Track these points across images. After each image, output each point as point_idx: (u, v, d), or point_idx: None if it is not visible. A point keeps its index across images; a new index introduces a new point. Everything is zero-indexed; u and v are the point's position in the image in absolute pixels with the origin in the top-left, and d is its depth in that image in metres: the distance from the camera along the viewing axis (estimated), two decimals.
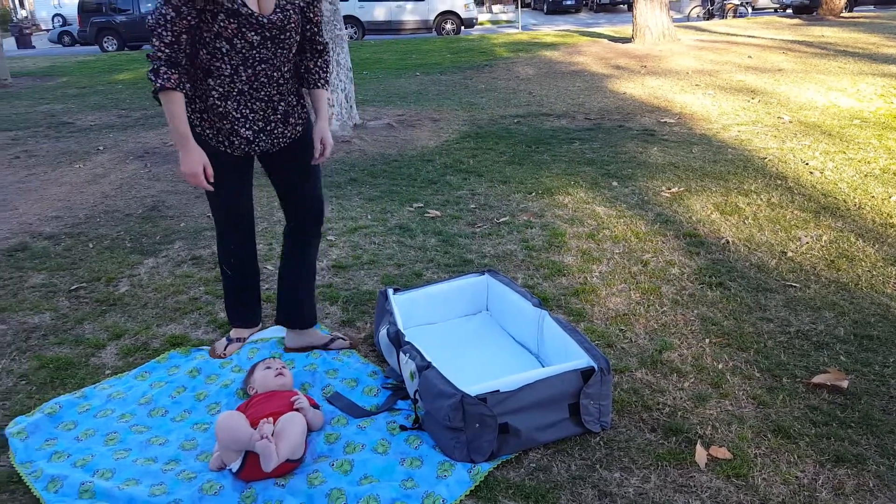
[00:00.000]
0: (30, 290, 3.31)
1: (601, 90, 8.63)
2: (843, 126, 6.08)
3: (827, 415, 2.14)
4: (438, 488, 1.87)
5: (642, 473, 1.93)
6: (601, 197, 4.40)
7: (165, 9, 2.07)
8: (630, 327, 2.74)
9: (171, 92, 2.12)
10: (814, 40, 12.31)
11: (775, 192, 4.35)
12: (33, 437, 2.17)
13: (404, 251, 3.60)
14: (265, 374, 2.28)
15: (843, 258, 3.32)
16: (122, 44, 19.59)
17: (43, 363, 2.63)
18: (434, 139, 6.29)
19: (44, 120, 8.25)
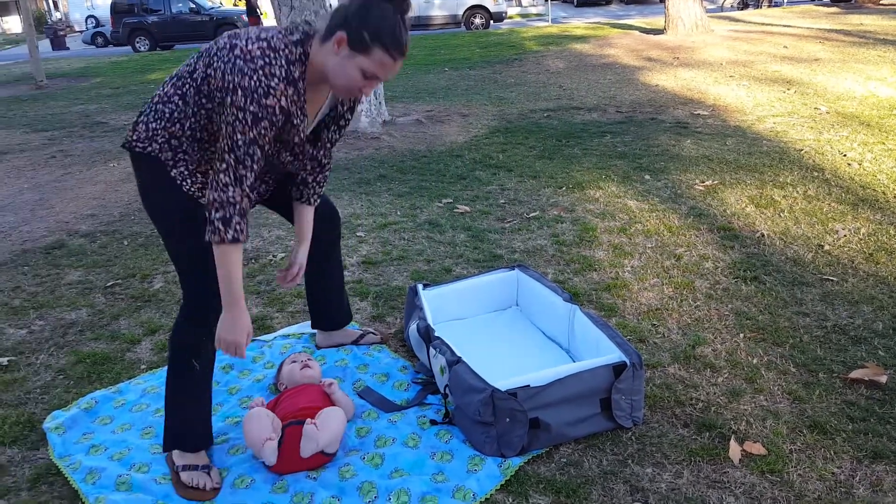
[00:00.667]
0: (67, 286, 3.40)
1: (633, 83, 8.54)
2: (883, 116, 5.92)
3: (864, 410, 2.10)
4: (469, 482, 1.89)
5: (675, 469, 1.91)
6: (633, 191, 4.36)
7: (252, 148, 1.68)
8: (662, 322, 2.72)
9: (237, 245, 1.73)
10: (852, 29, 12.00)
11: (812, 184, 4.27)
12: (71, 431, 2.22)
13: (434, 247, 3.62)
14: (292, 369, 2.31)
15: (881, 251, 3.24)
16: (154, 44, 19.96)
17: (80, 358, 2.69)
18: (463, 134, 6.29)
19: (78, 120, 8.45)
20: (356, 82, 1.72)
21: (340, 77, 1.73)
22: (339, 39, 1.69)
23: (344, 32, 1.69)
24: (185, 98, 1.77)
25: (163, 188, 1.83)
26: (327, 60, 1.72)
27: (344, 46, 1.69)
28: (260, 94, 1.64)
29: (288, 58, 1.70)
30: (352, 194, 4.61)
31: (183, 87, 1.77)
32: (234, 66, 1.66)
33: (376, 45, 1.68)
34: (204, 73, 1.73)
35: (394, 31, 1.70)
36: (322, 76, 1.77)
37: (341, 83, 1.74)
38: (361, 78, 1.72)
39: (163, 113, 1.79)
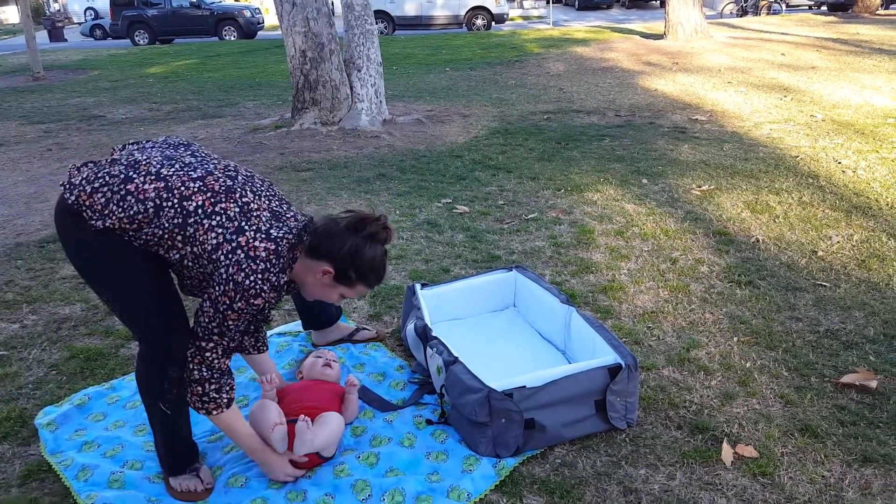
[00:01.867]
0: (61, 281, 3.39)
1: (632, 87, 8.57)
2: (877, 125, 5.97)
3: (855, 414, 2.13)
4: (463, 482, 1.90)
5: (668, 470, 1.94)
6: (631, 194, 4.39)
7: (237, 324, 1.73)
8: (658, 325, 2.75)
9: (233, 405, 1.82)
10: (848, 38, 12.07)
11: (807, 190, 4.30)
12: (63, 427, 2.20)
13: (432, 246, 3.63)
14: (314, 363, 2.32)
15: (874, 258, 3.27)
16: (154, 37, 19.91)
17: (73, 354, 2.68)
18: (463, 135, 6.31)
19: (75, 113, 8.43)
20: (331, 300, 1.87)
21: (317, 294, 1.86)
22: (324, 270, 1.77)
23: (331, 267, 1.77)
24: (161, 216, 1.67)
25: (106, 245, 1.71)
26: (307, 277, 1.81)
27: (328, 277, 1.79)
28: (251, 295, 1.67)
29: (282, 267, 1.72)
30: (350, 192, 4.62)
31: (166, 206, 1.67)
32: (234, 254, 1.67)
33: (359, 283, 1.82)
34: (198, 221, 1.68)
35: (378, 271, 1.83)
36: (297, 279, 1.84)
37: (314, 293, 1.87)
38: (338, 298, 1.87)
39: (130, 207, 1.66)
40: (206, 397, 1.76)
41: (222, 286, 1.66)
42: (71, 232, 1.74)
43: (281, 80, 10.59)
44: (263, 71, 11.87)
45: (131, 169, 1.71)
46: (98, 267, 1.76)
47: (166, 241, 1.70)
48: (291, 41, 6.45)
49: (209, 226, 1.68)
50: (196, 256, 1.70)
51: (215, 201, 1.70)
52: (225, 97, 9.27)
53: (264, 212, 1.75)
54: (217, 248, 1.67)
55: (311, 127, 6.60)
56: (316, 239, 1.76)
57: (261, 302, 1.69)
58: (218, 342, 1.73)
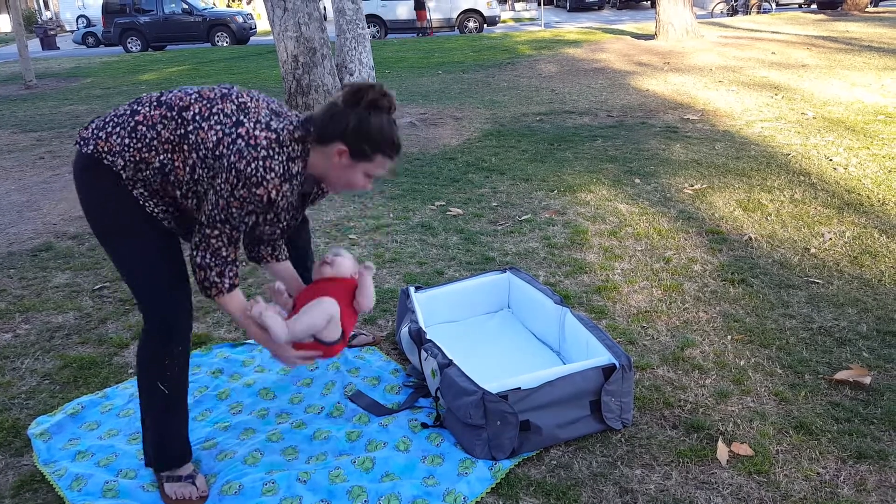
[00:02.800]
0: (54, 289, 3.38)
1: (624, 87, 8.59)
2: (868, 122, 5.99)
3: (849, 411, 2.14)
4: (459, 485, 1.90)
5: (663, 470, 1.94)
6: (623, 194, 4.40)
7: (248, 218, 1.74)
8: (652, 324, 2.75)
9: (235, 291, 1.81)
10: (838, 36, 12.13)
11: (798, 188, 4.32)
12: (56, 437, 2.19)
13: (426, 249, 3.63)
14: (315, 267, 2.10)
15: (866, 254, 3.29)
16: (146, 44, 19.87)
17: (66, 362, 2.67)
18: (456, 137, 6.32)
19: (68, 121, 8.41)
20: (359, 184, 1.82)
21: (342, 181, 1.81)
22: (339, 151, 1.74)
23: (343, 145, 1.74)
24: (167, 130, 1.73)
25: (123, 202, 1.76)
26: (326, 165, 1.78)
27: (345, 157, 1.75)
28: (252, 182, 1.66)
29: (290, 154, 1.72)
30: (344, 196, 4.62)
31: (169, 121, 1.74)
32: (234, 144, 1.68)
33: (377, 155, 1.78)
34: (198, 125, 1.72)
35: (391, 139, 1.80)
36: (319, 174, 1.82)
37: (343, 186, 1.83)
38: (364, 179, 1.82)
39: (143, 136, 1.73)
40: (206, 281, 1.76)
41: (225, 174, 1.67)
42: (90, 187, 1.78)
43: (273, 85, 10.58)
44: (256, 76, 11.86)
45: (135, 104, 1.79)
46: (114, 228, 1.79)
47: (181, 157, 1.73)
48: (283, 46, 6.45)
49: (208, 126, 1.71)
50: (202, 161, 1.71)
51: (211, 105, 1.74)
52: None
53: (262, 109, 1.77)
54: (218, 144, 1.69)
55: None
56: (320, 123, 1.76)
57: (263, 192, 1.67)
58: (222, 230, 1.73)
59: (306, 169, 1.77)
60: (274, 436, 2.17)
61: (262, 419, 2.28)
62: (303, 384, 2.48)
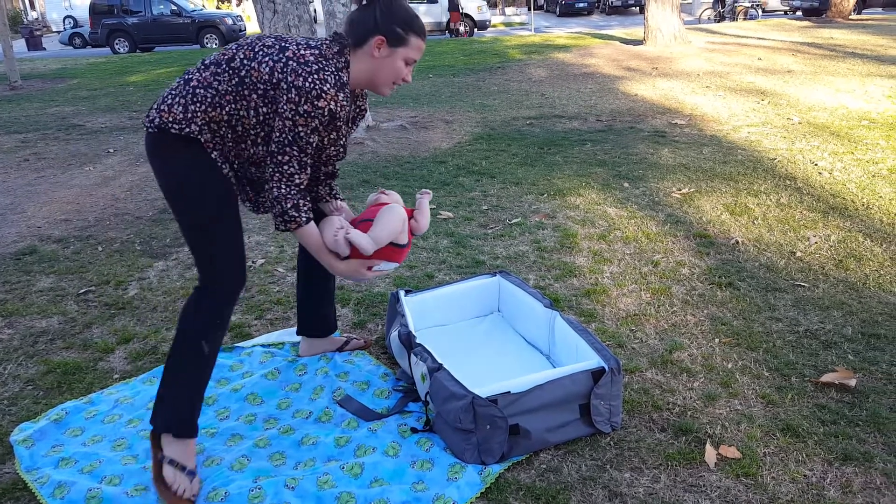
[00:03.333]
0: (38, 293, 3.35)
1: (613, 92, 8.64)
2: (852, 127, 6.06)
3: (835, 413, 2.16)
4: (449, 490, 1.90)
5: (652, 473, 1.95)
6: (612, 198, 4.42)
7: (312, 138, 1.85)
8: (640, 328, 2.77)
9: (311, 223, 1.96)
10: (823, 42, 12.26)
11: (784, 192, 4.36)
12: (39, 443, 2.16)
13: (416, 252, 3.63)
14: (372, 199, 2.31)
15: (851, 258, 3.32)
16: (134, 46, 19.76)
17: (50, 368, 2.64)
18: (447, 141, 6.32)
19: (54, 122, 8.34)
20: (400, 72, 1.96)
21: (385, 73, 1.95)
22: (377, 43, 1.90)
23: (380, 35, 1.89)
24: (221, 83, 1.85)
25: (202, 169, 1.87)
26: (369, 66, 1.94)
27: (384, 47, 1.91)
28: (313, 96, 1.79)
29: (336, 66, 1.86)
30: None
31: (221, 74, 1.85)
32: (287, 66, 1.81)
33: (411, 34, 1.93)
34: (248, 66, 1.84)
35: (417, 18, 1.96)
36: (361, 80, 1.96)
37: (386, 78, 1.96)
38: (404, 66, 1.95)
39: (203, 97, 1.84)
40: (285, 215, 1.89)
41: (286, 96, 1.79)
42: (168, 162, 1.88)
43: None
44: None
45: (185, 74, 1.91)
46: (199, 198, 1.89)
47: (243, 104, 1.85)
48: None
49: (257, 63, 1.83)
50: (263, 97, 1.83)
51: (252, 46, 1.88)
52: None
53: (298, 38, 1.92)
54: (272, 72, 1.81)
55: None
56: (352, 30, 1.92)
57: (324, 104, 1.80)
58: (291, 154, 1.85)
59: (350, 78, 1.91)
60: (261, 441, 2.15)
61: (250, 425, 2.26)
62: (291, 389, 2.47)
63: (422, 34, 1.96)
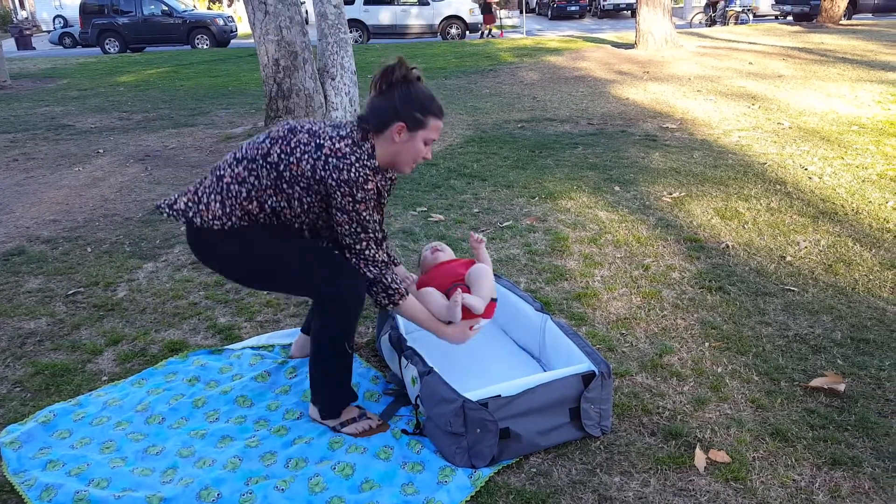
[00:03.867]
0: (26, 294, 3.32)
1: (604, 95, 8.67)
2: (842, 132, 6.10)
3: (824, 418, 2.17)
4: (439, 494, 1.89)
5: (642, 477, 1.95)
6: (603, 202, 4.43)
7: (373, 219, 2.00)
8: (631, 331, 2.77)
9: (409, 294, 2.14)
10: (813, 47, 12.35)
11: (774, 197, 4.38)
12: (27, 446, 2.15)
13: (408, 255, 3.63)
14: (425, 257, 2.53)
15: (840, 262, 3.34)
16: (124, 46, 19.66)
17: (38, 370, 2.62)
18: (438, 143, 6.32)
19: (43, 122, 8.29)
20: (422, 152, 2.08)
21: (407, 155, 2.06)
22: (398, 129, 2.01)
23: (400, 121, 2.01)
24: (259, 179, 1.97)
25: (252, 246, 2.02)
26: (392, 149, 2.05)
27: (404, 132, 2.03)
28: (361, 183, 1.93)
29: (368, 152, 2.00)
30: None
31: (257, 169, 1.97)
32: (328, 163, 1.93)
33: (429, 117, 2.05)
34: (286, 161, 1.96)
35: (434, 99, 2.08)
36: (385, 161, 2.07)
37: (407, 159, 2.08)
38: (423, 147, 2.08)
39: (238, 192, 1.98)
40: (388, 290, 2.05)
41: (338, 191, 1.93)
42: (217, 254, 2.06)
43: (254, 88, 10.52)
44: (236, 79, 11.78)
45: (216, 171, 2.03)
46: (260, 267, 2.05)
47: (284, 194, 1.98)
48: (264, 50, 6.42)
49: (296, 159, 1.95)
50: (307, 190, 1.97)
51: (287, 141, 1.97)
52: (197, 106, 9.18)
53: (326, 128, 2.02)
54: (314, 170, 1.93)
55: None
56: (373, 116, 2.02)
57: (372, 186, 1.96)
58: (366, 238, 2.00)
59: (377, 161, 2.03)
60: (252, 442, 2.15)
61: (240, 426, 2.26)
62: (281, 391, 2.46)
63: (439, 114, 2.08)
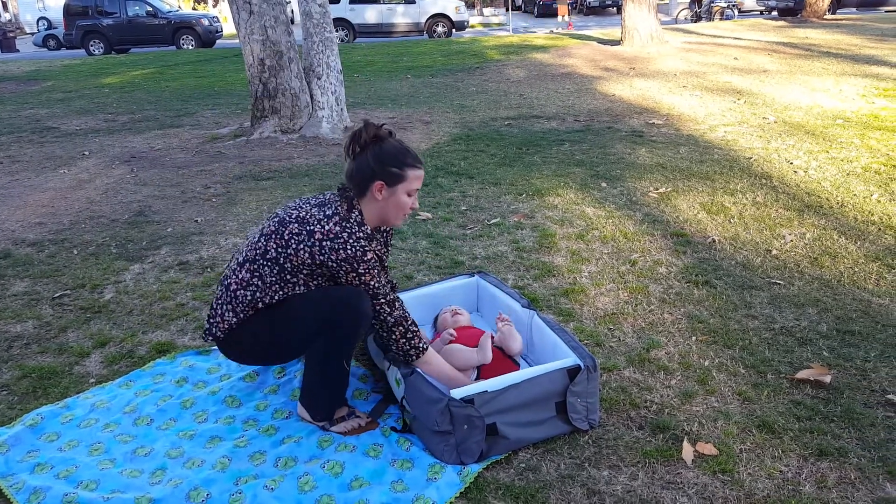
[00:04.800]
0: (12, 298, 3.29)
1: (590, 92, 8.69)
2: (827, 126, 6.15)
3: (810, 409, 2.18)
4: (428, 491, 1.89)
5: (630, 471, 1.95)
6: (590, 198, 4.44)
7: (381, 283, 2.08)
8: (618, 326, 2.78)
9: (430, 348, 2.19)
10: (798, 42, 12.43)
11: (760, 191, 4.40)
12: (14, 449, 2.14)
13: (395, 253, 3.62)
14: (444, 318, 2.59)
15: (825, 255, 3.36)
16: (109, 47, 19.50)
17: (25, 373, 2.60)
18: (425, 141, 6.31)
19: (28, 125, 8.21)
20: (407, 204, 2.12)
21: (393, 210, 2.12)
22: (378, 188, 2.08)
23: (378, 181, 2.06)
24: (263, 279, 2.07)
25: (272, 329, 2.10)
26: (377, 207, 2.11)
27: (385, 189, 2.08)
28: (360, 256, 2.01)
29: (357, 222, 2.07)
30: None
31: (259, 269, 2.07)
32: (323, 248, 2.00)
33: (406, 169, 2.09)
34: (284, 255, 2.04)
35: (408, 151, 2.12)
36: (374, 221, 2.14)
37: (397, 214, 2.13)
38: (408, 198, 2.12)
39: (244, 297, 2.08)
40: (412, 347, 2.12)
41: (342, 269, 2.02)
42: (244, 351, 2.18)
43: (240, 88, 10.47)
44: (222, 80, 11.72)
45: (224, 280, 2.14)
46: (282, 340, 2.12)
47: (290, 285, 2.07)
48: (249, 49, 6.39)
49: (293, 251, 2.02)
50: (311, 272, 2.06)
51: (279, 235, 2.05)
52: (183, 107, 9.13)
53: (312, 209, 2.08)
54: (312, 256, 2.01)
55: (270, 135, 6.53)
56: (353, 182, 2.10)
57: (371, 255, 2.04)
58: (380, 301, 2.08)
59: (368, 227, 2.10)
60: (241, 442, 2.15)
61: (228, 426, 2.25)
62: (269, 391, 2.45)
63: (417, 164, 2.10)
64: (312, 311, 2.07)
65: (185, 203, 4.74)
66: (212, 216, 4.41)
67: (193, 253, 3.78)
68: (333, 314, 2.04)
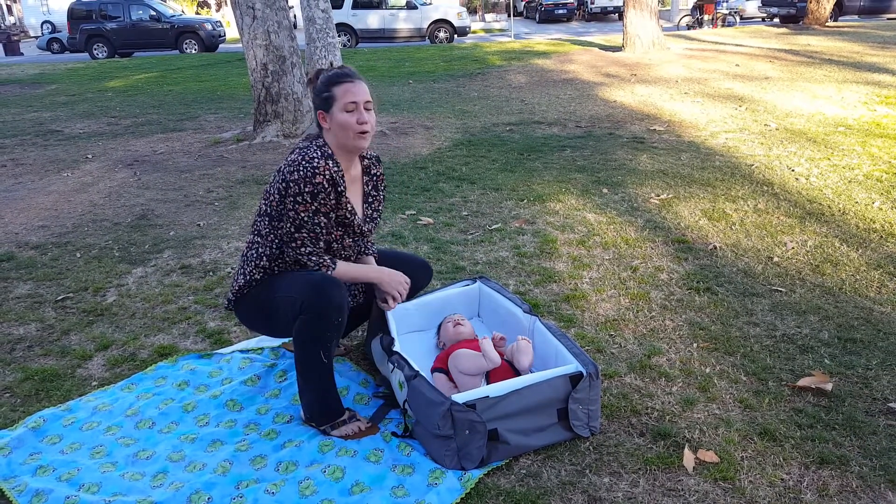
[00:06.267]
0: (15, 300, 3.30)
1: (592, 98, 8.70)
2: (828, 133, 6.15)
3: (811, 417, 2.18)
4: (429, 496, 1.89)
5: (631, 478, 1.95)
6: (592, 204, 4.44)
7: (318, 218, 2.13)
8: (619, 332, 2.78)
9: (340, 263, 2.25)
10: (800, 49, 12.45)
11: (762, 198, 4.41)
12: (17, 451, 2.14)
13: None
14: (446, 327, 2.56)
15: (827, 263, 3.37)
16: (113, 51, 19.58)
17: (28, 375, 2.61)
18: (427, 146, 6.33)
19: (31, 128, 8.24)
20: (350, 121, 2.13)
21: (341, 133, 2.14)
22: (321, 118, 2.18)
23: (319, 111, 2.17)
24: (260, 233, 2.20)
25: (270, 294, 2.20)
26: (329, 136, 2.19)
27: (325, 117, 2.17)
28: (309, 177, 2.05)
29: (317, 144, 2.15)
30: None
31: (257, 226, 2.20)
32: (280, 175, 2.11)
33: (332, 88, 2.14)
34: (266, 202, 2.17)
35: (337, 72, 2.17)
36: (337, 149, 2.19)
37: (345, 136, 2.15)
38: (348, 115, 2.13)
39: (250, 256, 2.23)
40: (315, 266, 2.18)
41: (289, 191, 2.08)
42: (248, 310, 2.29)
43: (242, 93, 10.49)
44: (225, 84, 11.75)
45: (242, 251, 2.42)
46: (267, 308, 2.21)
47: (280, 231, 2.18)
48: (252, 54, 6.41)
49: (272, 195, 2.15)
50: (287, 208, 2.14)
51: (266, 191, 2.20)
52: (185, 111, 9.15)
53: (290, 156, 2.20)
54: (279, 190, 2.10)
55: (273, 140, 6.55)
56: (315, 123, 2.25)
57: (320, 178, 2.07)
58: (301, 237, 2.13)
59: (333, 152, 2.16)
60: (242, 445, 2.14)
61: (230, 430, 2.25)
62: (271, 395, 2.45)
63: (343, 80, 2.14)
64: (296, 290, 2.12)
65: (187, 207, 4.75)
66: (214, 220, 4.42)
67: (196, 257, 3.78)
68: (307, 296, 2.08)
